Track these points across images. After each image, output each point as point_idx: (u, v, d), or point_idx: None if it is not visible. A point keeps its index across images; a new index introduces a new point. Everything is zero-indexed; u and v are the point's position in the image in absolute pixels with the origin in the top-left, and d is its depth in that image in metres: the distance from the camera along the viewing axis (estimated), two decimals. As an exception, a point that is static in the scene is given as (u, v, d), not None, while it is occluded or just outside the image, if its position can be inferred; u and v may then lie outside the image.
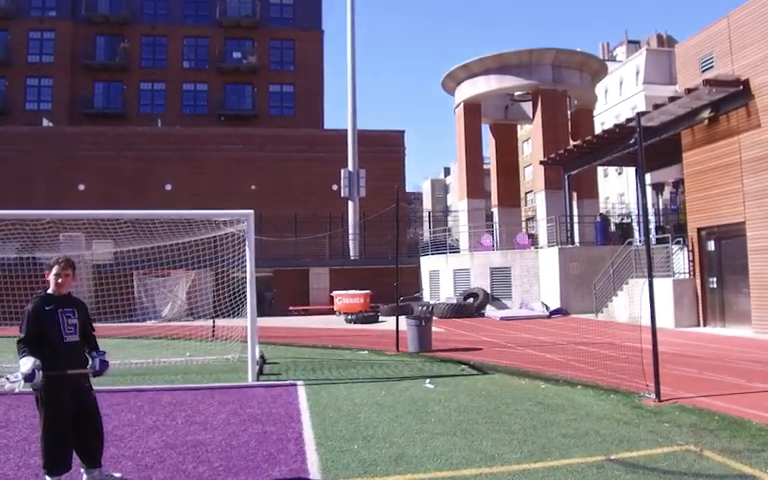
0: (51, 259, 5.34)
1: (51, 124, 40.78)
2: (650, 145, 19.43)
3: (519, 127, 38.60)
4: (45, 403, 4.95)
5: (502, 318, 22.43)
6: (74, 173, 36.58)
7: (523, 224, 39.50)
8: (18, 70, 44.02)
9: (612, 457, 5.78)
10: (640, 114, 12.70)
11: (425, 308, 23.40)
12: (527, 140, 51.53)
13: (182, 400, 8.87)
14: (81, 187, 36.37)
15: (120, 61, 44.61)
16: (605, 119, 53.54)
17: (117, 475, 5.43)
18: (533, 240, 28.80)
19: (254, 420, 7.54)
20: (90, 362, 5.28)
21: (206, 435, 6.85)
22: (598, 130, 30.61)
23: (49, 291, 5.25)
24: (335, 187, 35.94)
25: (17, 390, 4.99)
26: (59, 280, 5.23)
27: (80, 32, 45.11)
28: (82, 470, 5.22)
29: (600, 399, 8.45)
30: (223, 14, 45.93)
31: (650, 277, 8.46)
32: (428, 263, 30.19)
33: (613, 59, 63.69)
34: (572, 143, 26.14)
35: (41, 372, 4.85)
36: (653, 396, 8.15)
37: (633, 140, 9.42)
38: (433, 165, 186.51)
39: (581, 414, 7.57)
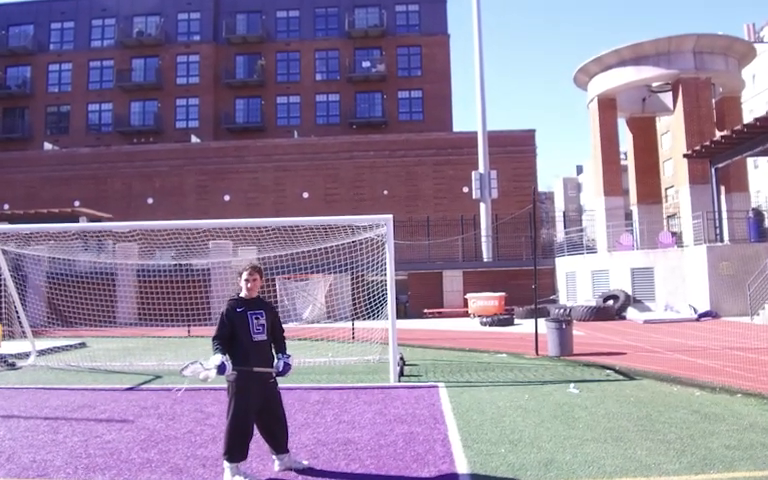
0: (240, 266, 5.93)
1: (199, 140, 43.91)
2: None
3: (658, 120, 36.44)
4: (235, 394, 5.51)
5: (646, 321, 21.41)
6: (220, 184, 39.28)
7: (665, 222, 37.43)
8: (168, 92, 47.70)
9: (784, 471, 5.39)
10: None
11: (563, 311, 22.75)
12: (666, 133, 48.55)
13: (329, 399, 9.25)
14: (227, 197, 38.91)
15: (258, 78, 47.14)
16: (753, 106, 49.47)
17: (305, 462, 5.91)
18: (677, 238, 27.21)
19: (399, 420, 7.72)
20: (275, 362, 5.77)
21: (355, 433, 7.11)
22: (747, 118, 28.42)
23: (241, 295, 5.82)
24: (466, 189, 36.00)
25: (210, 379, 5.58)
26: (248, 285, 5.80)
27: (221, 53, 48.15)
28: (274, 457, 5.80)
29: (764, 409, 7.87)
30: (351, 26, 47.26)
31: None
32: (564, 264, 29.35)
33: (760, 40, 58.54)
34: (719, 134, 24.43)
35: (230, 364, 5.45)
36: (827, 407, 7.50)
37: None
38: (565, 163, 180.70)
39: (743, 425, 7.09)
